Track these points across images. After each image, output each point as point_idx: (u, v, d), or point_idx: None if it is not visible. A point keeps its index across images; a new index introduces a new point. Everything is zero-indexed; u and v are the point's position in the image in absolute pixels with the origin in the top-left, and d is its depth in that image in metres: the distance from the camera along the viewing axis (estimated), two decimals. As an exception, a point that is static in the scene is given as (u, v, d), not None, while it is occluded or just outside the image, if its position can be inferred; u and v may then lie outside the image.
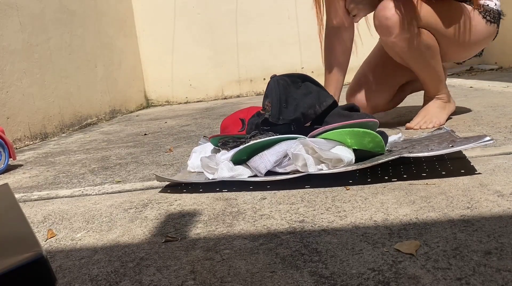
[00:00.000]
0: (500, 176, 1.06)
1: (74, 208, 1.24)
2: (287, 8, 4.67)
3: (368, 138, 1.21)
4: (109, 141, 2.50)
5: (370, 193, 1.06)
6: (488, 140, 1.11)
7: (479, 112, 1.97)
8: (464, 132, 1.60)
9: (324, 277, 0.69)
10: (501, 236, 0.75)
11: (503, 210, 0.86)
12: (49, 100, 2.99)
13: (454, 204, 0.93)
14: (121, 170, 1.66)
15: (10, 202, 0.61)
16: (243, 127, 1.53)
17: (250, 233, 0.91)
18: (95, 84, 3.69)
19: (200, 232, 0.94)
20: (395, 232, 0.82)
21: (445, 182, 1.08)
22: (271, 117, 1.34)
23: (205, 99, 4.87)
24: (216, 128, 2.47)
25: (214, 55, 4.79)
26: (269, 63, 4.75)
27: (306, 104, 1.36)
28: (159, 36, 4.77)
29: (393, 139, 1.47)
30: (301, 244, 0.82)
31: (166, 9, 4.74)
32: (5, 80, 2.55)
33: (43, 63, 2.96)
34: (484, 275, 0.64)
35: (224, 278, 0.73)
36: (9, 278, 0.39)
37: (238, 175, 1.24)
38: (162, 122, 3.17)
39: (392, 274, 0.67)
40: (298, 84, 1.40)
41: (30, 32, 2.85)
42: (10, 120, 2.55)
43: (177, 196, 1.22)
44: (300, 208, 1.02)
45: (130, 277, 0.77)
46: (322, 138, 1.24)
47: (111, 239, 0.97)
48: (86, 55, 3.58)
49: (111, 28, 4.13)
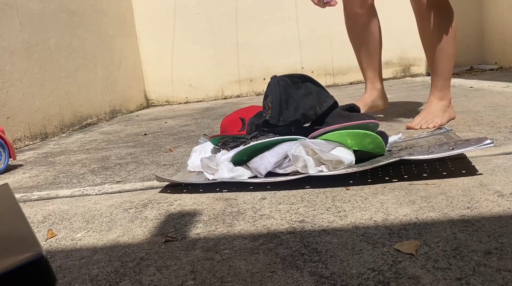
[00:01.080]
0: (500, 176, 1.07)
1: (74, 208, 1.24)
2: (287, 8, 4.67)
3: (368, 139, 1.21)
4: (109, 141, 2.50)
5: (370, 193, 1.06)
6: (489, 143, 1.10)
7: (479, 112, 1.97)
8: (464, 132, 1.60)
9: (324, 277, 0.69)
10: (501, 236, 0.75)
11: (503, 210, 0.86)
12: (49, 100, 2.99)
13: (454, 204, 0.93)
14: (121, 170, 1.66)
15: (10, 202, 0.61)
16: (243, 127, 1.53)
17: (250, 233, 0.91)
18: (95, 84, 3.69)
19: (200, 232, 0.94)
20: (395, 232, 0.82)
21: (445, 182, 1.08)
22: (271, 118, 1.34)
23: (205, 99, 4.87)
24: (216, 128, 2.47)
25: (214, 55, 4.79)
26: (269, 63, 4.75)
27: (307, 105, 1.36)
28: (159, 36, 4.77)
29: (394, 140, 1.47)
30: (301, 244, 0.82)
31: (166, 9, 4.74)
32: (5, 80, 2.55)
33: (43, 63, 2.96)
34: (484, 275, 0.64)
35: (224, 278, 0.73)
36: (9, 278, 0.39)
37: (238, 176, 1.24)
38: (162, 122, 3.17)
39: (392, 274, 0.67)
40: (298, 85, 1.40)
41: (30, 32, 2.85)
42: (10, 120, 2.55)
43: (177, 196, 1.22)
44: (300, 208, 1.02)
45: (130, 277, 0.77)
46: (322, 139, 1.24)
47: (111, 239, 0.97)
48: (86, 55, 3.58)
49: (111, 28, 4.13)
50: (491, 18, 4.46)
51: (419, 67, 4.77)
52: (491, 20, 4.46)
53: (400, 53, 4.72)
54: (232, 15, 4.72)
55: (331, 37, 4.66)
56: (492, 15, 4.43)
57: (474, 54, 4.70)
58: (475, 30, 4.66)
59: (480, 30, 4.66)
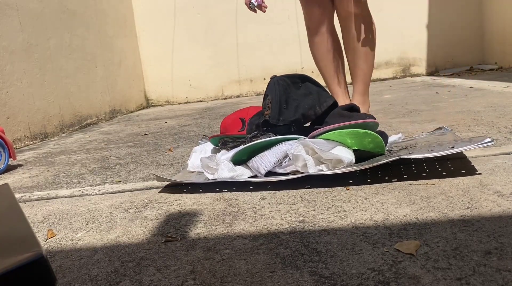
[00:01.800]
0: (500, 176, 1.06)
1: (74, 208, 1.24)
2: (287, 8, 4.67)
3: (368, 139, 1.21)
4: (109, 141, 2.50)
5: (370, 193, 1.06)
6: (489, 142, 1.10)
7: (479, 112, 1.97)
8: (464, 132, 1.60)
9: (324, 277, 0.69)
10: (501, 236, 0.75)
11: (503, 210, 0.86)
12: (49, 100, 2.99)
13: (454, 204, 0.93)
14: (121, 170, 1.66)
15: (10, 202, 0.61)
16: (243, 127, 1.53)
17: (250, 233, 0.91)
18: (95, 84, 3.69)
19: (200, 232, 0.94)
20: (395, 232, 0.82)
21: (445, 182, 1.08)
22: (271, 118, 1.34)
23: (205, 99, 4.87)
24: (216, 128, 2.47)
25: (214, 55, 4.79)
26: (269, 63, 4.75)
27: (307, 105, 1.36)
28: (159, 36, 4.77)
29: (393, 139, 1.47)
30: (301, 244, 0.82)
31: (166, 9, 4.74)
32: (5, 80, 2.55)
33: (43, 63, 2.96)
34: (484, 275, 0.64)
35: (224, 278, 0.73)
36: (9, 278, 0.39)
37: (238, 176, 1.24)
38: (162, 122, 3.17)
39: (392, 274, 0.67)
40: (298, 85, 1.40)
41: (30, 32, 2.85)
42: (10, 120, 2.55)
43: (177, 196, 1.22)
44: (300, 208, 1.02)
45: (130, 277, 0.77)
46: (322, 139, 1.24)
47: (111, 239, 0.97)
48: (86, 55, 3.58)
49: (111, 28, 4.13)
50: (491, 18, 4.46)
51: (419, 67, 4.77)
52: (491, 20, 4.46)
53: (400, 53, 4.72)
54: (232, 15, 4.72)
55: (331, 37, 4.66)
56: (492, 15, 4.43)
57: (474, 54, 4.70)
58: (475, 30, 4.66)
59: (480, 30, 4.66)
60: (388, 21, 4.50)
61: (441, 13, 4.65)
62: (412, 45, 4.71)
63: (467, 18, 4.65)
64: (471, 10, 4.64)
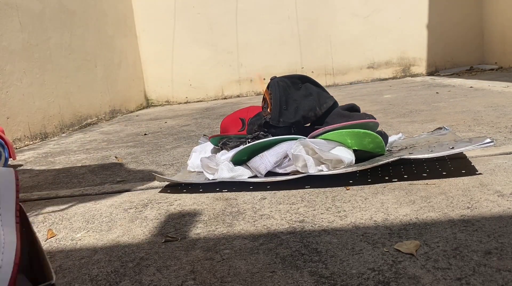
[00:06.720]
0: (500, 176, 1.06)
1: (74, 208, 1.24)
2: (287, 8, 4.67)
3: (368, 139, 1.21)
4: (109, 141, 2.50)
5: (370, 193, 1.06)
6: (489, 142, 1.10)
7: (479, 112, 1.97)
8: (464, 132, 1.60)
9: (324, 277, 0.69)
10: (501, 236, 0.75)
11: (503, 210, 0.86)
12: (49, 100, 2.99)
13: (454, 204, 0.93)
14: (121, 170, 1.66)
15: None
16: (243, 127, 1.53)
17: (250, 233, 0.91)
18: (95, 84, 3.69)
19: (200, 232, 0.94)
20: (395, 232, 0.82)
21: (445, 182, 1.08)
22: (272, 119, 1.34)
23: (205, 99, 4.87)
24: (216, 128, 2.47)
25: (214, 55, 4.79)
26: (269, 63, 4.75)
27: (307, 107, 1.36)
28: (159, 36, 4.77)
29: (394, 139, 1.46)
30: (301, 244, 0.82)
31: (166, 9, 4.74)
32: (5, 80, 2.55)
33: (43, 63, 2.96)
34: (484, 275, 0.64)
35: (224, 278, 0.73)
36: None
37: (238, 176, 1.24)
38: (162, 122, 3.17)
39: (392, 274, 0.67)
40: (298, 85, 1.40)
41: (30, 32, 2.85)
42: (10, 120, 2.55)
43: (177, 196, 1.22)
44: (300, 208, 1.02)
45: (130, 277, 0.77)
46: (322, 139, 1.24)
47: (111, 239, 0.97)
48: (86, 55, 3.58)
49: (111, 28, 4.13)
50: (491, 18, 4.46)
51: (419, 67, 4.77)
52: (491, 20, 4.46)
53: (400, 53, 4.72)
54: (232, 15, 4.72)
55: (331, 37, 4.66)
56: (492, 15, 4.43)
57: (474, 54, 4.71)
58: (475, 30, 4.66)
59: (480, 30, 4.66)
60: (388, 21, 4.50)
61: (441, 13, 4.65)
62: (412, 45, 4.71)
63: (467, 18, 4.65)
64: (471, 10, 4.64)
